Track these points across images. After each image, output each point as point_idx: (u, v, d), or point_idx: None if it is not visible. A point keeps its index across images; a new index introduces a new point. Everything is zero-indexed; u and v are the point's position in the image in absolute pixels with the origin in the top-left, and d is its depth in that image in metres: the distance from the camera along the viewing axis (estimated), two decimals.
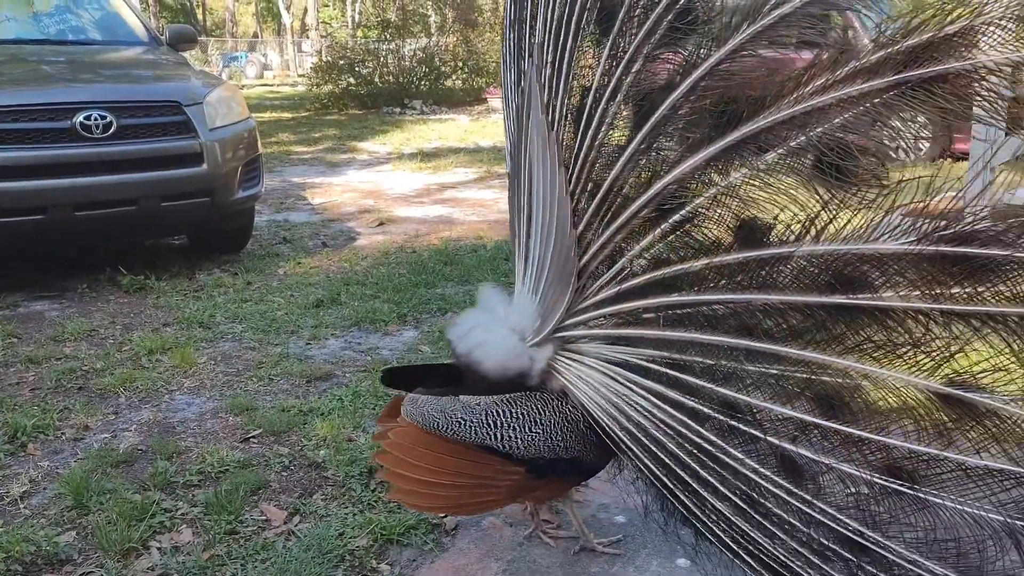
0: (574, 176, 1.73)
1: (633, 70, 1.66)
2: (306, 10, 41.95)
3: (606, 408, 1.74)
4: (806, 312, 1.57)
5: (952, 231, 1.45)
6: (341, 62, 17.57)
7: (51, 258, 4.94)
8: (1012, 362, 1.45)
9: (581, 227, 1.74)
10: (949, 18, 1.41)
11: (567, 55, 1.71)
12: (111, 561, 2.09)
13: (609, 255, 1.75)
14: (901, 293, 1.49)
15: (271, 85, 28.65)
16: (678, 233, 1.69)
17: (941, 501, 1.49)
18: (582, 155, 1.72)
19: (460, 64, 18.59)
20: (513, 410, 1.81)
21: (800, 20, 1.53)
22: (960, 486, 1.48)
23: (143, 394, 3.15)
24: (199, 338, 3.74)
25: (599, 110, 1.69)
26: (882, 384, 1.53)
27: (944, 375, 1.49)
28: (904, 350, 1.51)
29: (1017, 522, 1.44)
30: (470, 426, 1.80)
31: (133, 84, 4.87)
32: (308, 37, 40.18)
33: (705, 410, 1.64)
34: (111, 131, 4.34)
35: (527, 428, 1.80)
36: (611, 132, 1.71)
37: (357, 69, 17.52)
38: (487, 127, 13.39)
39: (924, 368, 1.50)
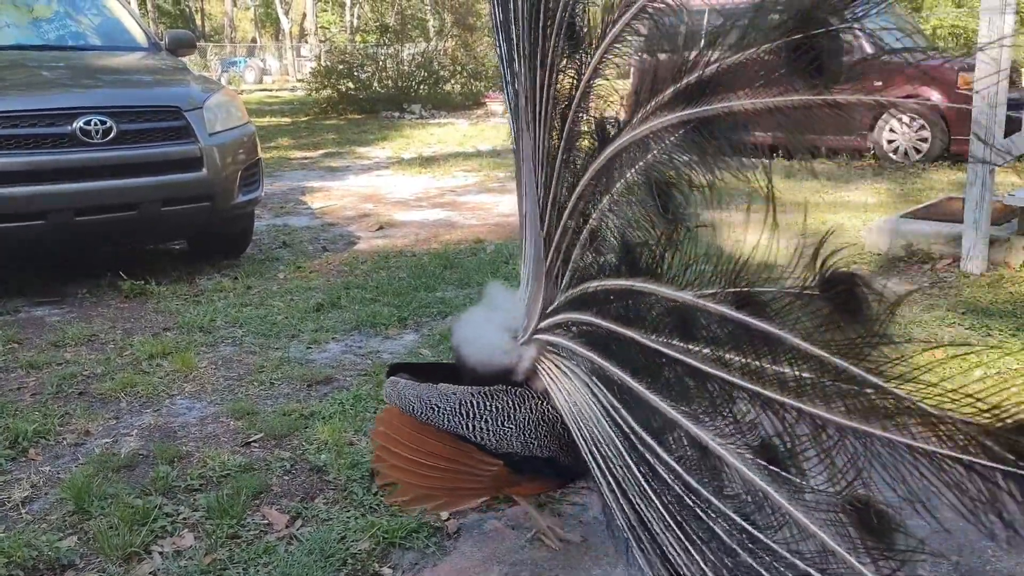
0: (540, 176, 1.75)
1: (554, 78, 1.69)
2: (305, 15, 42.00)
3: (569, 413, 1.71)
4: (654, 355, 1.49)
5: (735, 290, 1.34)
6: (340, 67, 17.62)
7: (52, 263, 4.94)
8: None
9: (545, 228, 1.75)
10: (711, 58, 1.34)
11: (528, 58, 1.73)
12: (113, 566, 2.09)
13: (562, 261, 1.76)
14: (705, 351, 1.38)
15: (270, 90, 28.72)
16: (590, 250, 1.70)
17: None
18: (539, 156, 1.74)
19: (459, 68, 18.64)
20: (488, 403, 1.83)
21: (630, 40, 1.52)
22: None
23: (144, 399, 3.15)
24: (199, 342, 3.74)
25: (542, 113, 1.72)
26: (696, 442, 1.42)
27: (754, 443, 1.37)
28: (708, 412, 1.42)
29: None
30: (443, 413, 1.83)
31: (133, 89, 4.88)
32: (307, 42, 40.22)
33: (638, 431, 1.55)
34: (111, 136, 4.35)
35: (500, 422, 1.81)
36: (550, 138, 1.73)
37: (356, 74, 17.57)
38: (486, 131, 13.40)
39: (724, 435, 1.40)
